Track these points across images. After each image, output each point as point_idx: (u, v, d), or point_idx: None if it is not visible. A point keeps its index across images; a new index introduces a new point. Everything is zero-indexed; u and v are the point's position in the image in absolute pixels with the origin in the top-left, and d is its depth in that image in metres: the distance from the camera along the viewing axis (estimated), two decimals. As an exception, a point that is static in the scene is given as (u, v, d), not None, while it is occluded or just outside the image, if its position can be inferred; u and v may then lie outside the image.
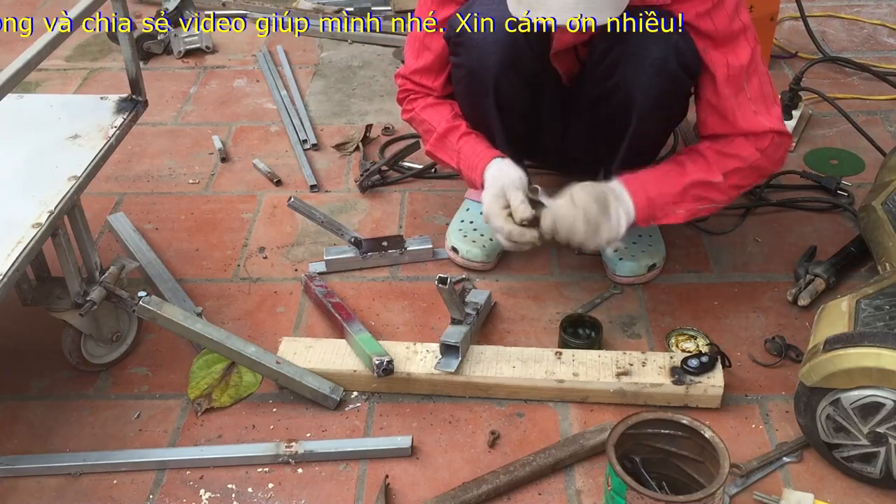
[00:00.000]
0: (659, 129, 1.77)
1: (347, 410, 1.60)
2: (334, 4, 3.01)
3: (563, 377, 1.58)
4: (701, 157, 1.66)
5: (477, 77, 1.69)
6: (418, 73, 1.81)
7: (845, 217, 2.03)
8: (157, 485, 1.49)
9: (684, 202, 1.64)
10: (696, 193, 1.64)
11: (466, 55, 1.67)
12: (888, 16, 2.90)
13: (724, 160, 1.65)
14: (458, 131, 1.75)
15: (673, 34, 1.57)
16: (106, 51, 2.86)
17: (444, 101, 1.81)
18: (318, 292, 1.79)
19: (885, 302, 1.46)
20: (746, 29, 1.60)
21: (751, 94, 1.62)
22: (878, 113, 2.39)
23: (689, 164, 1.65)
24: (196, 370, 1.67)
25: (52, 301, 1.60)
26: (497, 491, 1.43)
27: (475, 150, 1.72)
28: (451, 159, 1.76)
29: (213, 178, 2.24)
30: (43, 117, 1.68)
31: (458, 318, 1.64)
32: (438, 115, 1.79)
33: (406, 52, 1.84)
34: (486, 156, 1.69)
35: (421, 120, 1.82)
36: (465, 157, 1.73)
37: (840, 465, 1.44)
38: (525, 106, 1.77)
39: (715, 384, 1.55)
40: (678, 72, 1.59)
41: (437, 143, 1.78)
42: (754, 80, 1.62)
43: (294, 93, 2.57)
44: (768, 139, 1.64)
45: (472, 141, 1.74)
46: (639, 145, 1.73)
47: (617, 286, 1.84)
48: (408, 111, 1.86)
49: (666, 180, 1.63)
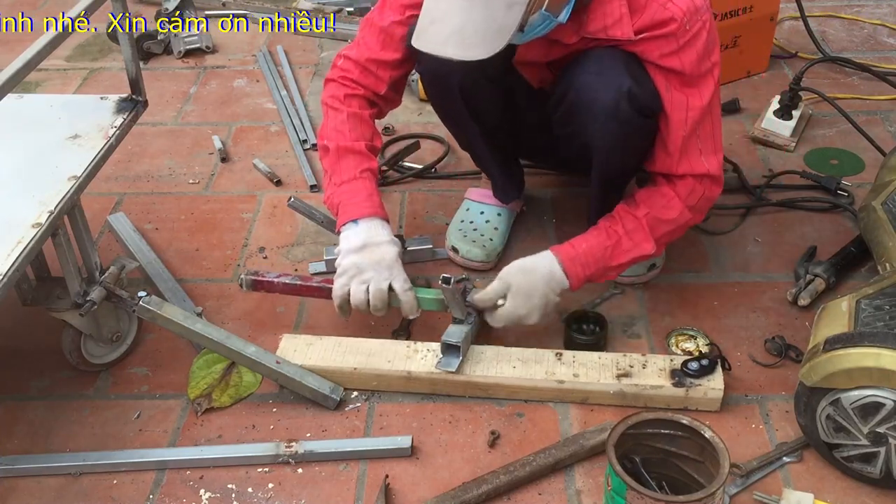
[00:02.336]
0: (627, 162, 1.72)
1: (347, 410, 1.60)
2: (334, 4, 3.01)
3: (564, 378, 1.58)
4: (639, 228, 1.63)
5: (442, 81, 1.68)
6: (376, 64, 1.71)
7: (845, 217, 2.03)
8: (157, 485, 1.49)
9: (619, 270, 1.67)
10: (629, 263, 1.67)
11: (429, 60, 1.60)
12: (888, 16, 2.90)
13: (659, 227, 1.64)
14: (367, 163, 1.69)
15: (627, 78, 1.53)
16: (106, 51, 2.86)
17: (369, 121, 1.74)
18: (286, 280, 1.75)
19: (885, 302, 1.46)
20: (714, 68, 1.57)
21: (701, 134, 1.60)
22: (878, 113, 2.39)
23: (626, 242, 1.63)
24: (196, 370, 1.67)
25: (52, 301, 1.60)
26: (497, 491, 1.43)
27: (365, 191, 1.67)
28: (337, 173, 1.69)
29: (213, 178, 2.24)
30: (43, 117, 1.68)
31: (460, 317, 1.64)
32: (359, 131, 1.71)
33: (363, 38, 1.72)
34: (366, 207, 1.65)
35: (342, 120, 1.71)
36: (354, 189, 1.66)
37: (840, 465, 1.44)
38: (497, 107, 1.76)
39: (715, 387, 1.55)
40: (632, 116, 1.55)
41: (338, 152, 1.69)
42: (707, 123, 1.60)
43: (294, 93, 2.57)
44: (700, 192, 1.63)
45: (368, 183, 1.68)
46: (610, 175, 1.73)
47: (617, 286, 1.84)
48: (335, 99, 1.73)
49: (604, 259, 1.63)
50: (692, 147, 1.60)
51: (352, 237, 1.63)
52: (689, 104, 1.57)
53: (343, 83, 1.74)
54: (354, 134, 1.70)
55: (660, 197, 1.65)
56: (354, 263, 1.61)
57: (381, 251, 1.62)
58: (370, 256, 1.61)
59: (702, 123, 1.59)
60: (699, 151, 1.61)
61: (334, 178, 1.69)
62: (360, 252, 1.61)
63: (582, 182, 2.09)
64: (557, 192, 2.13)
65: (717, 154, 1.64)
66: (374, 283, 1.61)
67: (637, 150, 1.67)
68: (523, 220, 2.03)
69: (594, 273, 1.64)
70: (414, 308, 1.64)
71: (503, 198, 1.95)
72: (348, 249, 1.62)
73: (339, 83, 1.74)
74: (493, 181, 1.95)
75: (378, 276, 1.61)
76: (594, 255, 1.63)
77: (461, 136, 1.88)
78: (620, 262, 1.64)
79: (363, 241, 1.62)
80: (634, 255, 1.64)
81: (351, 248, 1.62)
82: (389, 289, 1.61)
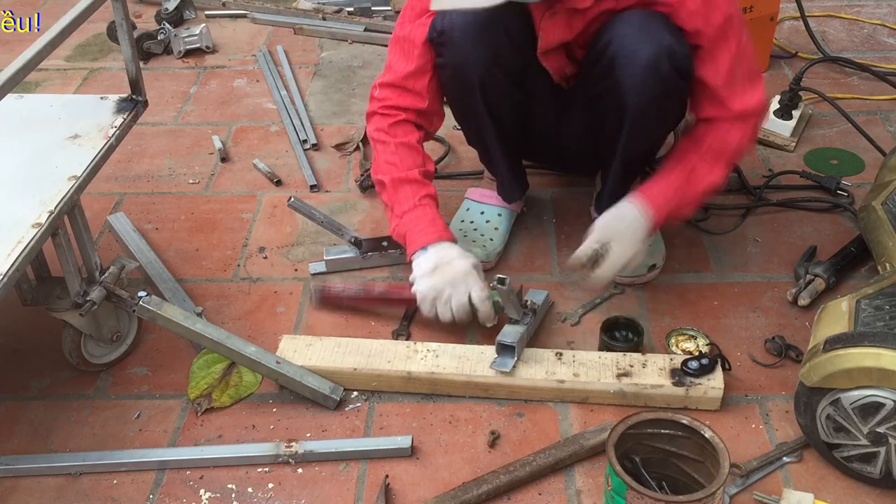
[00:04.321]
0: (655, 131, 1.77)
1: (347, 410, 1.61)
2: (334, 4, 3.01)
3: (564, 377, 1.58)
4: (706, 158, 1.67)
5: (462, 76, 1.68)
6: (410, 78, 1.72)
7: (845, 217, 2.03)
8: (157, 485, 1.49)
9: (695, 204, 1.73)
10: (705, 194, 1.71)
11: (449, 55, 1.66)
12: (888, 16, 2.90)
13: (722, 156, 1.69)
14: (424, 190, 1.71)
15: (666, 36, 1.57)
16: (106, 51, 2.86)
17: (418, 146, 1.76)
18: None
19: (885, 302, 1.46)
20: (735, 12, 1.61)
21: (740, 75, 1.64)
22: (878, 113, 2.39)
23: (701, 168, 1.67)
24: (196, 370, 1.67)
25: (52, 301, 1.60)
26: (497, 491, 1.43)
27: (427, 217, 1.69)
28: (398, 204, 1.70)
29: (213, 178, 2.24)
30: (43, 117, 1.68)
31: (516, 317, 1.65)
32: (410, 160, 1.73)
33: (391, 60, 1.75)
34: (431, 233, 1.67)
35: (392, 151, 1.73)
36: (416, 217, 1.68)
37: (840, 465, 1.44)
38: (515, 104, 1.77)
39: (715, 386, 1.55)
40: (670, 73, 1.58)
41: (394, 184, 1.71)
42: (744, 62, 1.64)
43: (294, 93, 2.57)
44: (753, 120, 1.69)
45: (429, 210, 1.70)
46: (635, 147, 1.74)
47: (617, 286, 1.84)
48: (381, 132, 1.74)
49: (682, 189, 1.67)
50: (737, 91, 1.64)
51: (423, 263, 1.65)
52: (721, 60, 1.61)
53: (384, 113, 1.75)
54: (406, 163, 1.72)
55: (718, 129, 1.68)
56: (431, 286, 1.63)
57: (454, 267, 1.64)
58: (443, 276, 1.63)
59: (739, 65, 1.62)
60: (743, 92, 1.65)
61: (396, 210, 1.71)
62: (434, 274, 1.63)
63: (582, 182, 2.10)
64: (557, 192, 2.13)
65: (757, 84, 1.67)
66: (454, 299, 1.63)
67: (666, 117, 1.72)
68: (523, 220, 2.03)
69: (676, 206, 1.68)
70: (491, 317, 1.66)
71: (507, 197, 1.95)
72: (422, 275, 1.65)
73: (380, 115, 1.76)
74: (500, 180, 1.95)
75: (456, 292, 1.63)
76: (672, 186, 1.67)
77: (474, 131, 1.87)
78: (697, 189, 1.68)
79: (434, 263, 1.64)
80: (709, 180, 1.68)
81: (424, 273, 1.64)
82: (470, 300, 1.64)
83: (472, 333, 1.73)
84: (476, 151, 1.97)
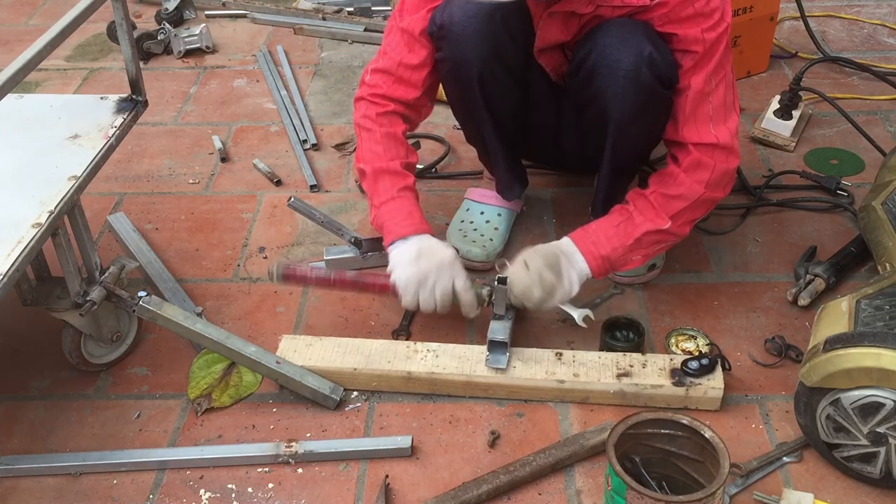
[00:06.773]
0: (641, 139, 1.73)
1: (347, 410, 1.61)
2: (334, 4, 3.01)
3: (564, 378, 1.58)
4: (648, 204, 1.64)
5: (461, 70, 1.68)
6: (405, 68, 1.69)
7: (845, 217, 2.03)
8: (157, 485, 1.49)
9: (639, 250, 1.65)
10: (649, 241, 1.64)
11: (449, 48, 1.66)
12: (888, 16, 2.90)
13: (669, 203, 1.63)
14: (403, 181, 1.69)
15: (648, 44, 1.54)
16: (106, 51, 2.86)
17: (402, 138, 1.73)
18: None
19: (885, 302, 1.46)
20: (725, 33, 1.56)
21: (714, 101, 1.59)
22: (878, 113, 2.39)
23: (637, 216, 1.63)
24: (196, 370, 1.67)
25: (52, 301, 1.60)
26: (497, 491, 1.43)
27: (405, 209, 1.67)
28: (377, 194, 1.68)
29: (213, 178, 2.24)
30: (43, 117, 1.68)
31: (501, 313, 1.64)
32: (393, 151, 1.70)
33: (387, 46, 1.72)
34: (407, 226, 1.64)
35: (376, 140, 1.71)
36: (395, 208, 1.66)
37: (840, 465, 1.44)
38: (513, 101, 1.77)
39: (715, 386, 1.55)
40: (651, 83, 1.55)
41: (374, 174, 1.69)
42: (719, 90, 1.59)
43: (294, 93, 2.57)
44: (710, 164, 1.60)
45: (406, 202, 1.68)
46: (622, 153, 1.73)
47: (617, 286, 1.84)
48: (368, 119, 1.72)
49: (617, 236, 1.63)
50: (702, 114, 1.59)
51: (405, 251, 1.63)
52: (698, 78, 1.56)
53: (373, 101, 1.73)
54: (389, 154, 1.70)
55: (667, 175, 1.64)
56: (416, 272, 1.61)
57: (438, 255, 1.62)
58: (428, 262, 1.61)
59: (715, 90, 1.58)
60: (709, 119, 1.59)
61: (374, 200, 1.69)
62: (417, 261, 1.61)
63: (582, 182, 2.10)
64: (557, 192, 2.13)
65: (728, 123, 1.61)
66: (438, 285, 1.61)
67: (651, 126, 1.66)
68: (523, 220, 2.03)
69: (609, 253, 1.62)
70: (474, 307, 1.64)
71: (507, 195, 1.95)
72: (404, 262, 1.62)
73: (369, 101, 1.74)
74: (498, 178, 1.95)
75: (441, 279, 1.61)
76: (606, 232, 1.63)
77: (472, 128, 1.86)
78: (635, 236, 1.62)
79: (417, 251, 1.62)
80: (648, 227, 1.62)
81: (406, 261, 1.62)
82: (453, 288, 1.62)
83: (471, 333, 1.73)
84: (476, 151, 1.97)
